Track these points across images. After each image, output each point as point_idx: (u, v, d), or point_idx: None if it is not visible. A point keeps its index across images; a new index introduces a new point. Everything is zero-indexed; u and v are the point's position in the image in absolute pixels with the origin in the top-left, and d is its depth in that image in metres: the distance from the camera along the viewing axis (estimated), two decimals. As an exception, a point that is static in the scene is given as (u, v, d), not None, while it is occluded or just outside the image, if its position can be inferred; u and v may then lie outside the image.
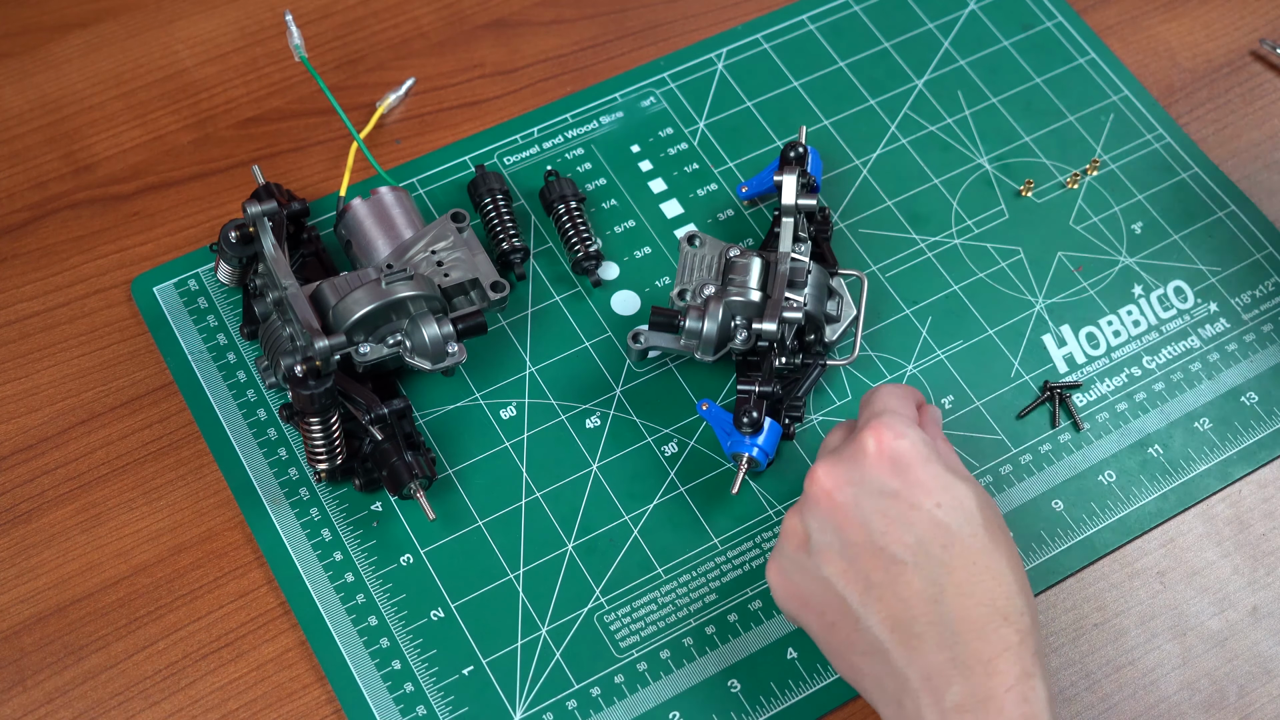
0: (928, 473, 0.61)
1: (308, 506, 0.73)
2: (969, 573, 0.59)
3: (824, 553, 0.61)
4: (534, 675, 0.69)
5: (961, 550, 0.60)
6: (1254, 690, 0.71)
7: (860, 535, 0.60)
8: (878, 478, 0.61)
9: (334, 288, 0.71)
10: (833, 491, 0.62)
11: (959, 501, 0.61)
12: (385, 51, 0.88)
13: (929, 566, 0.59)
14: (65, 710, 0.68)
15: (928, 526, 0.60)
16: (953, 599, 0.59)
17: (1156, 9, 0.92)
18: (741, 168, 0.84)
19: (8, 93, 0.85)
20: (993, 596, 0.59)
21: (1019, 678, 0.57)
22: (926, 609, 0.59)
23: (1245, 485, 0.76)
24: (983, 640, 0.58)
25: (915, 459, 0.61)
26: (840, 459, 0.62)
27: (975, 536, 0.60)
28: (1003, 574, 0.60)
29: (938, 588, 0.59)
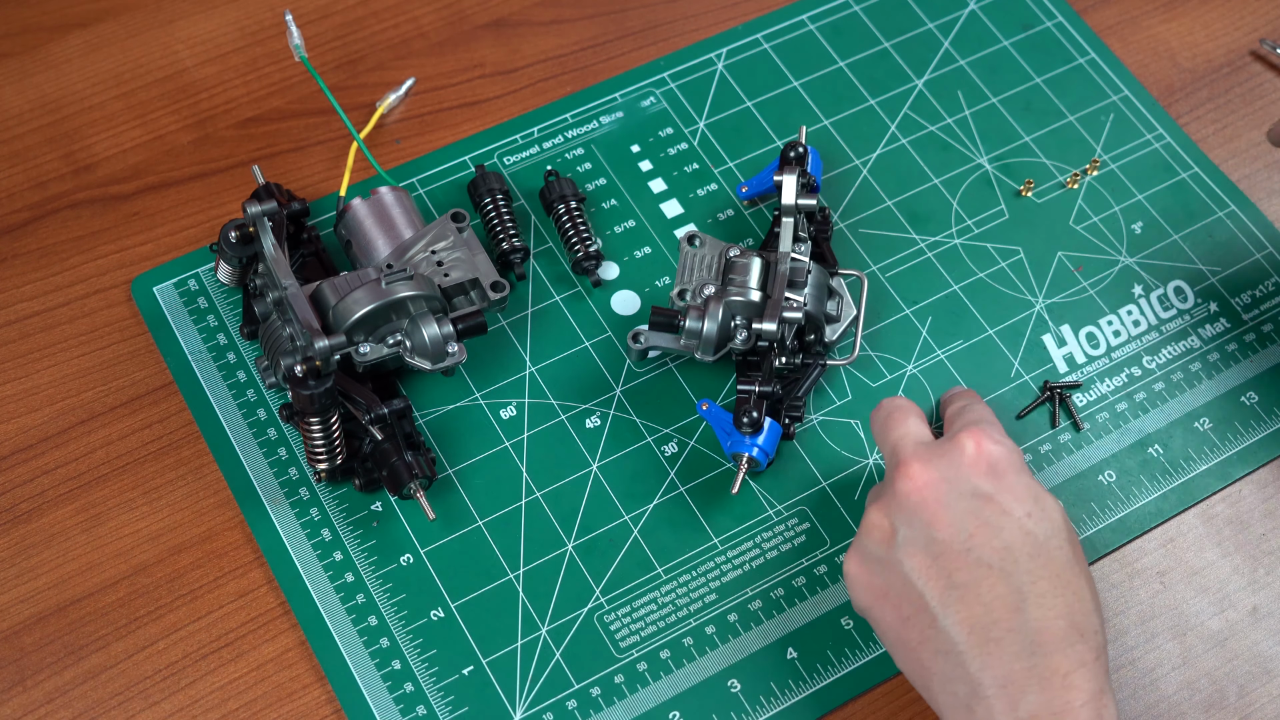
0: (1020, 481, 0.61)
1: (308, 506, 0.73)
2: (1052, 585, 0.59)
3: (909, 547, 0.61)
4: (534, 675, 0.69)
5: (1047, 562, 0.60)
6: (1254, 690, 0.71)
7: (948, 533, 0.60)
8: (972, 479, 0.61)
9: (334, 288, 0.71)
10: (925, 487, 0.61)
11: (1048, 514, 0.61)
12: (385, 51, 0.88)
13: (1015, 574, 0.59)
14: (65, 710, 0.68)
15: (1017, 534, 0.60)
16: (1035, 609, 0.58)
17: (1156, 9, 0.92)
18: (741, 168, 0.84)
19: (8, 93, 0.85)
20: (1072, 612, 0.59)
21: (1093, 694, 0.57)
22: (1008, 616, 0.58)
23: (1245, 485, 0.76)
24: (1061, 654, 0.58)
25: (1010, 467, 0.62)
26: (936, 456, 0.62)
27: (1061, 550, 0.60)
28: (1082, 591, 0.60)
29: (1021, 596, 0.59)
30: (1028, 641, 0.58)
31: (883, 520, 0.62)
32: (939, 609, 0.60)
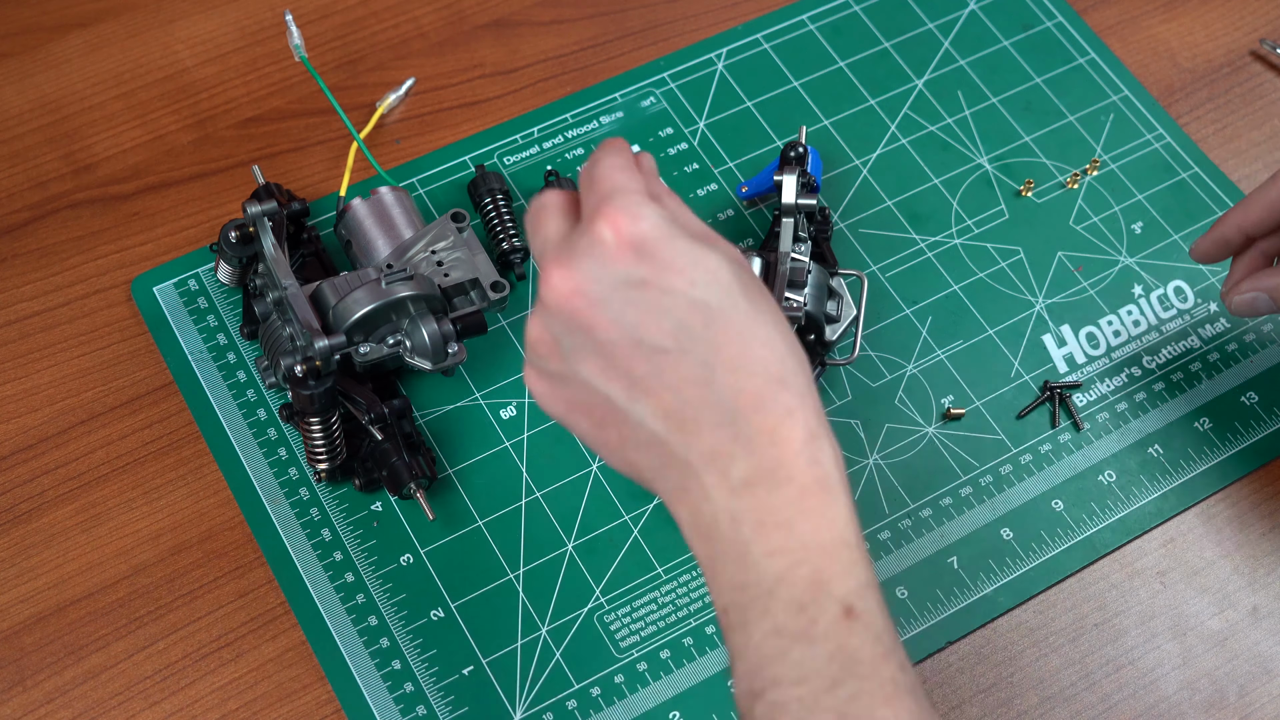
0: (674, 250, 0.55)
1: (308, 506, 0.73)
2: (738, 346, 0.55)
3: (578, 355, 0.56)
4: (534, 675, 0.69)
5: (725, 325, 0.55)
6: (1254, 690, 0.71)
7: (614, 332, 0.55)
8: (620, 269, 0.55)
9: (334, 288, 0.71)
10: (572, 295, 0.55)
11: (713, 274, 0.55)
12: (385, 51, 0.88)
13: (695, 349, 0.55)
14: (65, 710, 0.68)
15: (685, 309, 0.55)
16: (724, 377, 0.54)
17: (1156, 9, 0.92)
18: (741, 168, 0.84)
19: (8, 93, 0.85)
20: (765, 364, 0.55)
21: (805, 441, 0.54)
22: (699, 393, 0.55)
23: (1245, 485, 0.76)
24: (763, 411, 0.54)
25: (659, 239, 0.55)
26: (575, 255, 0.56)
27: (737, 308, 0.55)
28: (771, 339, 0.55)
29: (708, 369, 0.55)
30: (726, 411, 0.54)
31: (543, 333, 0.57)
32: (629, 406, 0.56)
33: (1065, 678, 0.71)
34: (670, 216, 0.56)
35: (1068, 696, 0.70)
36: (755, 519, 0.54)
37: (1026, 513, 0.74)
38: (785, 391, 0.55)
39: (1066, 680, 0.71)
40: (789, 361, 0.55)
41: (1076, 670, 0.71)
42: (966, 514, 0.74)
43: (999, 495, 0.75)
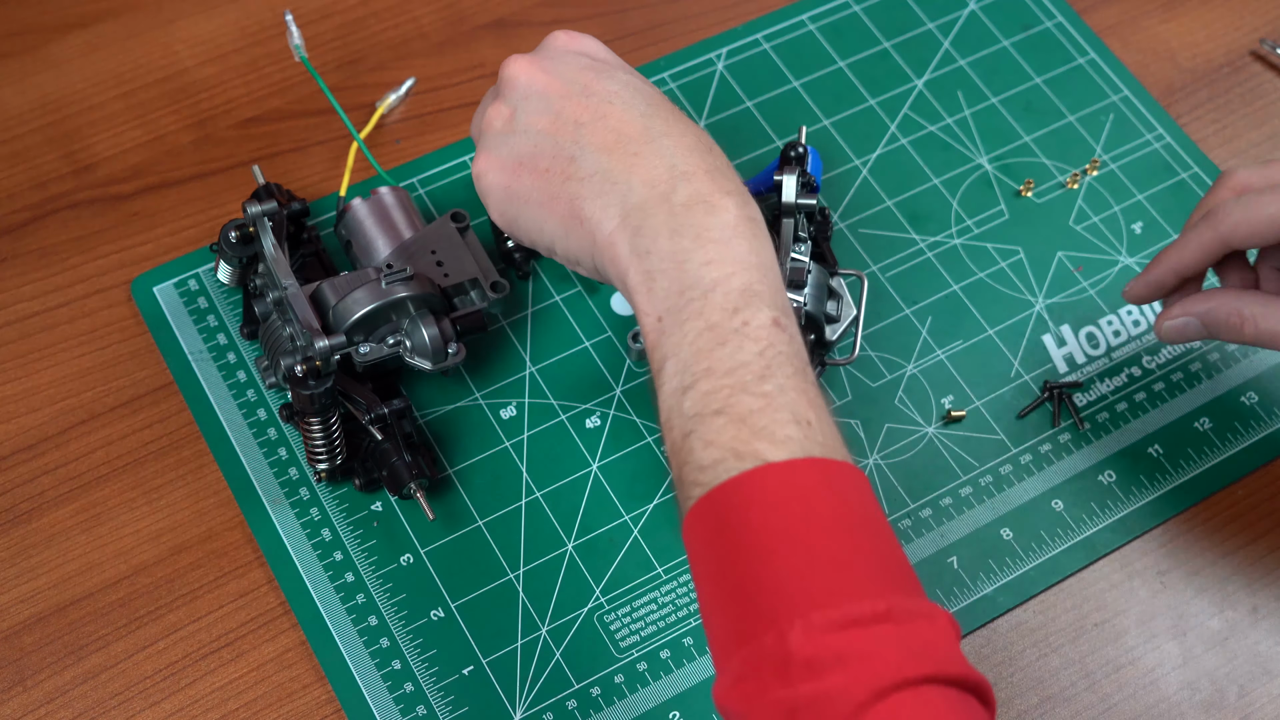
0: (614, 59, 0.67)
1: (308, 506, 0.73)
2: (669, 118, 0.63)
3: (530, 116, 0.64)
4: (534, 675, 0.69)
5: (659, 104, 0.64)
6: (1254, 690, 0.71)
7: (565, 88, 0.64)
8: (572, 56, 0.66)
9: (334, 288, 0.71)
10: (530, 66, 0.65)
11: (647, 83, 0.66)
12: (385, 51, 0.88)
13: (635, 105, 0.63)
14: (65, 710, 0.68)
15: (626, 79, 0.64)
16: (661, 129, 0.62)
17: (1156, 9, 0.92)
18: (741, 168, 0.84)
19: (8, 93, 0.85)
20: (697, 135, 0.63)
21: (738, 189, 0.61)
22: (639, 134, 0.62)
23: (1245, 485, 0.76)
24: (696, 157, 0.61)
25: (601, 50, 0.67)
26: (537, 52, 0.67)
27: (666, 102, 0.64)
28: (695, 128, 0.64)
29: (646, 119, 0.62)
30: (665, 156, 0.61)
31: (501, 108, 0.65)
32: (574, 147, 0.63)
33: (1065, 678, 0.71)
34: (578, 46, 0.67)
35: (1068, 696, 0.70)
36: (694, 233, 0.59)
37: (1026, 513, 0.74)
38: (713, 155, 0.62)
39: (1066, 680, 0.71)
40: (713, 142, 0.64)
41: (1076, 670, 0.71)
42: (966, 514, 0.74)
43: (999, 495, 0.75)
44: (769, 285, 0.59)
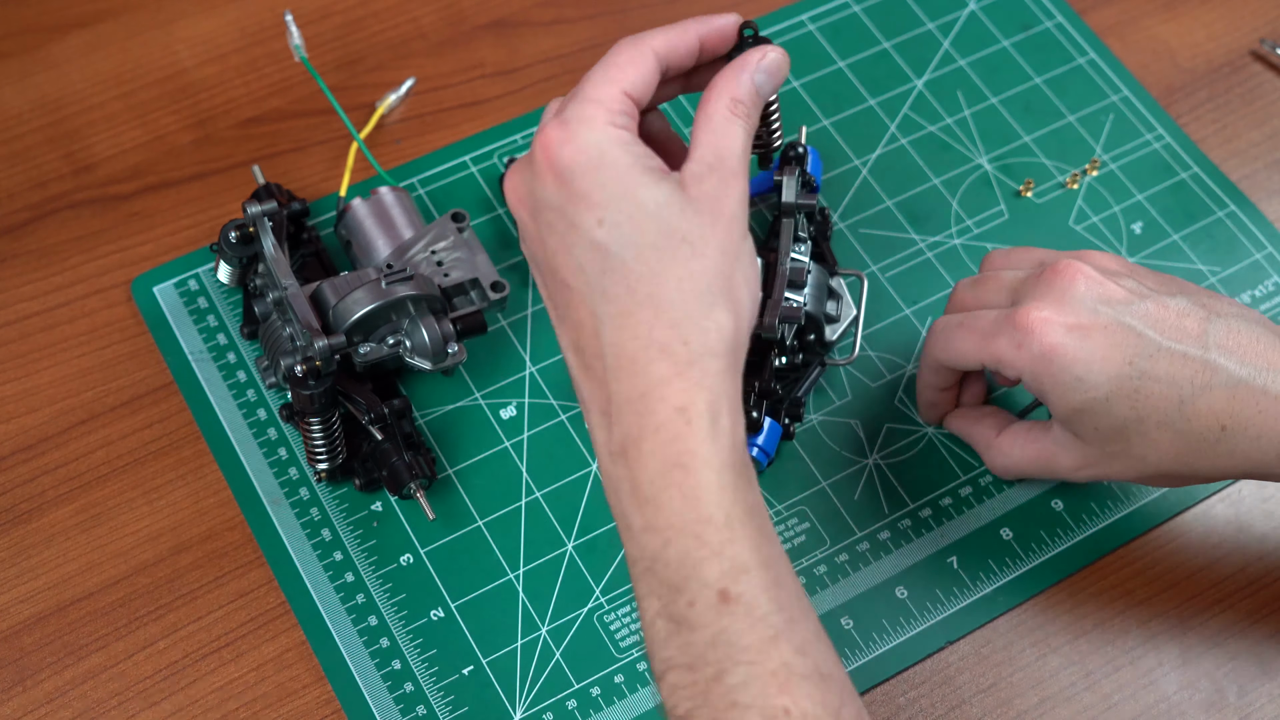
0: (595, 182, 0.53)
1: (308, 506, 0.73)
2: (626, 302, 0.53)
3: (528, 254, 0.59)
4: (534, 675, 0.69)
5: (621, 277, 0.53)
6: (1254, 690, 0.71)
7: (540, 251, 0.56)
8: (544, 189, 0.55)
9: (334, 288, 0.71)
10: (517, 205, 0.57)
11: (628, 216, 0.53)
12: (385, 51, 0.88)
13: (590, 294, 0.54)
14: (65, 710, 0.68)
15: (586, 250, 0.54)
16: (611, 331, 0.54)
17: (1156, 9, 0.92)
18: (741, 168, 0.84)
19: (8, 93, 0.85)
20: (650, 327, 0.53)
21: (669, 415, 0.53)
22: (592, 339, 0.55)
23: (1245, 485, 0.76)
24: (635, 377, 0.53)
25: (582, 168, 0.54)
26: (523, 162, 0.57)
27: (639, 259, 0.53)
28: (666, 302, 0.53)
29: (597, 319, 0.54)
30: (611, 366, 0.54)
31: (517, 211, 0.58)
32: (556, 325, 0.57)
33: (1065, 678, 0.71)
34: (620, 142, 0.54)
35: (1068, 696, 0.70)
36: (629, 489, 0.53)
37: (1026, 513, 0.74)
38: (664, 360, 0.53)
39: (1066, 680, 0.71)
40: (680, 330, 0.53)
41: (1076, 670, 0.71)
42: (966, 514, 0.74)
43: (999, 495, 0.75)
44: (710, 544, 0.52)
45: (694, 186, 0.55)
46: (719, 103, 0.57)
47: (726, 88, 0.58)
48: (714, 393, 0.54)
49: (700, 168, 0.56)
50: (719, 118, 0.57)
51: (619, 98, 0.56)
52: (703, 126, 0.57)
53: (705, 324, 0.54)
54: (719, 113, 0.57)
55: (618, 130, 0.55)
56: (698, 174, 0.55)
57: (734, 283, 0.55)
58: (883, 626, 0.71)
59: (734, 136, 0.57)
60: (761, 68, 0.59)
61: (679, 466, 0.53)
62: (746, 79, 0.58)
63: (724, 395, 0.54)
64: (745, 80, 0.58)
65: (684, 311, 0.54)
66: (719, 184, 0.55)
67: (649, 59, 0.58)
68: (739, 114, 0.57)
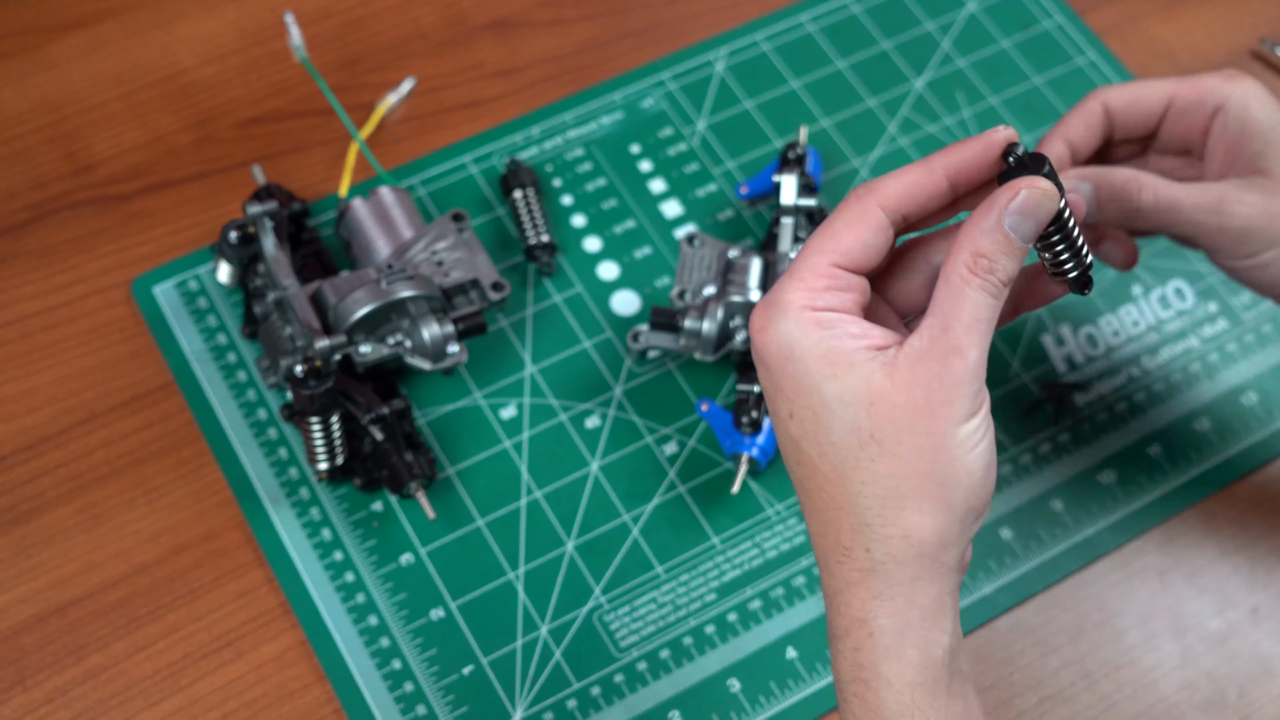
0: (785, 374, 0.50)
1: (308, 506, 0.73)
2: (817, 498, 0.51)
3: None
4: (534, 675, 0.69)
5: (810, 472, 0.51)
6: (1254, 690, 0.71)
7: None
8: (759, 368, 0.52)
9: (334, 288, 0.71)
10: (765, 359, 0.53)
11: (812, 413, 0.50)
12: (385, 51, 0.88)
13: (795, 480, 0.53)
14: (65, 710, 0.68)
15: (784, 438, 0.52)
16: (811, 523, 0.52)
17: (1156, 9, 0.92)
18: (741, 168, 0.84)
19: (8, 93, 0.85)
20: (837, 528, 0.51)
21: (853, 622, 0.51)
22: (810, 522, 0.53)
23: (1245, 485, 0.76)
24: (830, 573, 0.52)
25: (775, 359, 0.51)
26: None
27: (823, 458, 0.50)
28: (848, 504, 0.50)
29: (803, 506, 0.53)
30: (815, 554, 0.53)
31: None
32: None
33: (1065, 678, 0.71)
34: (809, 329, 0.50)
35: (1068, 696, 0.70)
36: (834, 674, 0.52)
37: (1026, 513, 0.74)
38: (846, 562, 0.51)
39: (1066, 680, 0.71)
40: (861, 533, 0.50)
41: (1076, 670, 0.71)
42: (966, 514, 0.74)
43: (999, 495, 0.75)
44: None
45: (904, 369, 0.49)
46: (957, 259, 0.50)
47: (968, 239, 0.49)
48: (898, 604, 0.50)
49: (921, 342, 0.49)
50: (954, 278, 0.49)
51: (827, 272, 0.51)
52: (939, 288, 0.50)
53: (889, 531, 0.50)
54: (955, 272, 0.49)
55: (816, 314, 0.50)
56: (915, 351, 0.49)
57: (940, 477, 0.49)
58: (883, 626, 0.71)
59: (969, 302, 0.49)
60: (1013, 209, 0.49)
61: (859, 680, 0.51)
62: (990, 226, 0.49)
63: (915, 606, 0.50)
64: (989, 228, 0.49)
65: (865, 517, 0.50)
66: (936, 363, 0.49)
67: (873, 217, 0.51)
68: (979, 272, 0.49)
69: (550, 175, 0.83)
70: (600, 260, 0.81)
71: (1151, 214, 0.61)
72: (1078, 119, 0.64)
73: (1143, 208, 0.61)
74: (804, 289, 0.50)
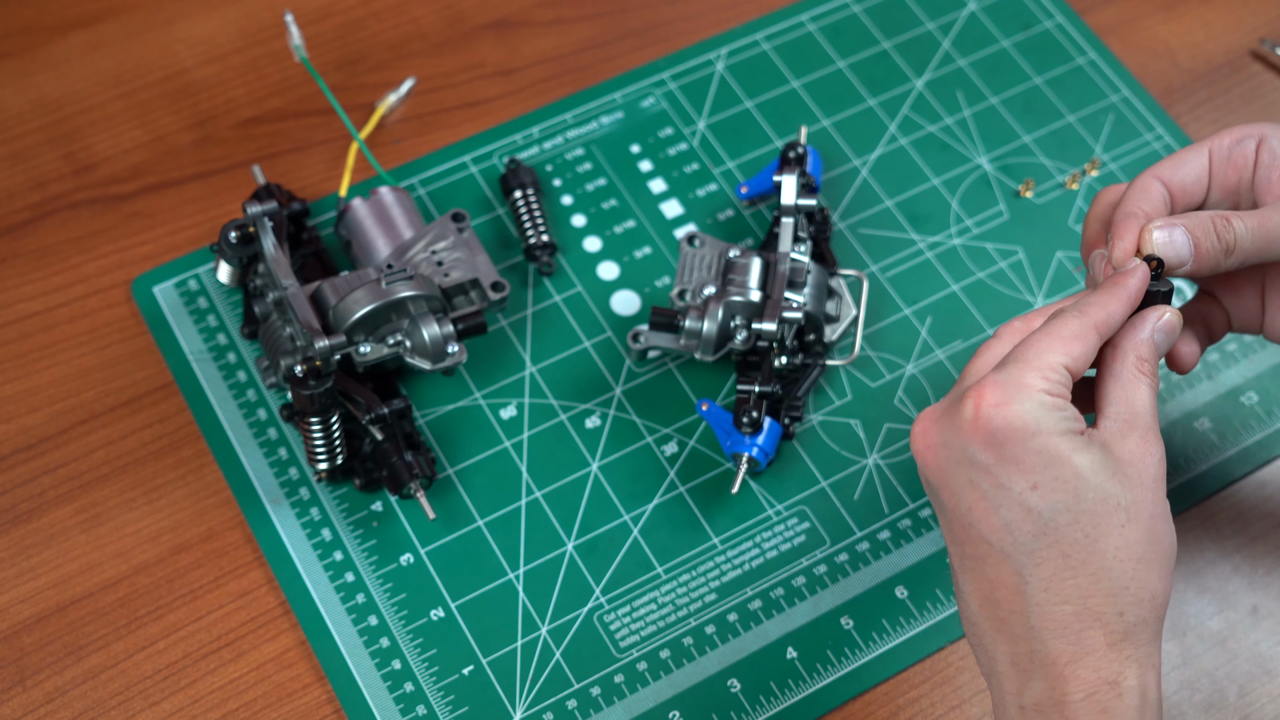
0: (1027, 449, 0.54)
1: (308, 506, 0.73)
2: (1059, 566, 0.54)
3: (931, 499, 0.59)
4: (534, 675, 0.69)
5: (1054, 541, 0.54)
6: (1254, 690, 0.71)
7: (952, 502, 0.56)
8: (969, 447, 0.55)
9: (334, 288, 0.71)
10: (926, 451, 0.57)
11: (1063, 483, 0.54)
12: (385, 51, 0.88)
13: (1016, 555, 0.55)
14: (65, 710, 0.68)
15: (1017, 511, 0.54)
16: (1037, 593, 0.54)
17: (1156, 9, 0.92)
18: (741, 168, 0.84)
19: (8, 93, 0.85)
20: (1084, 594, 0.54)
21: (1098, 685, 0.54)
22: (1011, 597, 0.55)
23: (1245, 485, 0.76)
24: (1064, 641, 0.54)
25: (1016, 434, 0.54)
26: (942, 415, 0.57)
27: (1074, 525, 0.54)
28: (1103, 570, 0.54)
29: (1022, 579, 0.55)
30: (1030, 626, 0.55)
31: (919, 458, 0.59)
32: (958, 573, 0.57)
33: (1065, 678, 0.71)
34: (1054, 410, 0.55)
35: (1068, 696, 0.70)
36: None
37: (1026, 513, 0.74)
38: (1097, 628, 0.54)
39: (1066, 680, 0.71)
40: (1120, 597, 0.54)
41: (1076, 670, 0.71)
42: (966, 514, 0.74)
43: (999, 495, 0.75)
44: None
45: (1117, 446, 0.56)
46: (1126, 360, 0.58)
47: (1133, 345, 0.58)
48: (1144, 665, 0.55)
49: (1118, 425, 0.57)
50: (1128, 375, 0.58)
51: (1059, 369, 0.56)
52: (1112, 384, 0.58)
53: (1141, 594, 0.55)
54: (1128, 370, 0.58)
55: (1053, 399, 0.55)
56: (1118, 432, 0.56)
57: (1167, 542, 0.56)
58: (883, 626, 0.71)
59: (1145, 394, 0.57)
60: (1160, 327, 0.59)
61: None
62: (1147, 337, 0.59)
63: (1153, 666, 0.55)
64: (1147, 338, 0.59)
65: (1121, 581, 0.54)
66: (1140, 443, 0.56)
67: (1092, 338, 0.57)
68: (1145, 372, 0.58)
69: (550, 175, 0.83)
70: (600, 260, 0.81)
71: (1246, 240, 0.63)
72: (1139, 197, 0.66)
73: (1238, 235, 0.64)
74: (1042, 377, 0.56)
